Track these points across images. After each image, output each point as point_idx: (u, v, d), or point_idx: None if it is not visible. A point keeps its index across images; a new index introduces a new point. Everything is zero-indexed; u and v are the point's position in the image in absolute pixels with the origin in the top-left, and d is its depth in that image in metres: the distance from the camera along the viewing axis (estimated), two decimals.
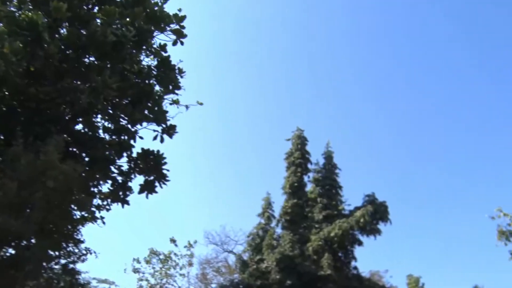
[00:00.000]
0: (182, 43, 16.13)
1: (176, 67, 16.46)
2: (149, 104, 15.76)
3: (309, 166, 30.00)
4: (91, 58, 14.85)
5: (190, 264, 32.24)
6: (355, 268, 25.83)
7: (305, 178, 29.52)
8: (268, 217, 28.60)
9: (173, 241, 31.36)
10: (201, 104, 17.33)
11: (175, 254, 31.96)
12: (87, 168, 14.45)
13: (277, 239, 26.87)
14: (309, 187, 29.23)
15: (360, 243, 25.93)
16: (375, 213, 25.92)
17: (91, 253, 15.77)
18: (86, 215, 15.68)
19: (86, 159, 15.07)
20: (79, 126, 15.30)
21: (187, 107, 17.03)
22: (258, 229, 28.04)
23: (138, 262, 31.88)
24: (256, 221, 28.69)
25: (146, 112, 15.66)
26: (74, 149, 14.88)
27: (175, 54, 16.72)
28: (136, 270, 31.75)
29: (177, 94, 16.72)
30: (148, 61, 16.52)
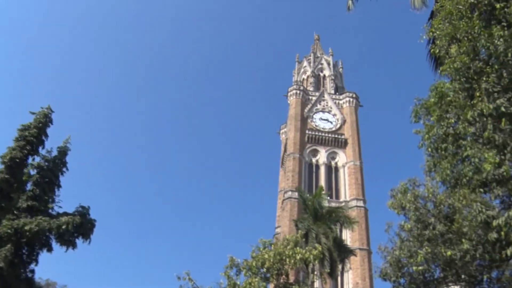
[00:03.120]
0: None
1: None
2: None
3: (40, 150, 27.62)
4: None
5: None
6: (32, 271, 24.16)
7: (29, 159, 26.98)
8: None
9: None
10: None
11: None
12: None
13: None
14: (31, 171, 26.73)
15: (50, 249, 24.64)
16: (80, 227, 25.29)
17: None
18: None
19: None
20: None
21: None
22: None
23: None
24: None
25: None
26: None
27: None
28: None
29: None
30: None
